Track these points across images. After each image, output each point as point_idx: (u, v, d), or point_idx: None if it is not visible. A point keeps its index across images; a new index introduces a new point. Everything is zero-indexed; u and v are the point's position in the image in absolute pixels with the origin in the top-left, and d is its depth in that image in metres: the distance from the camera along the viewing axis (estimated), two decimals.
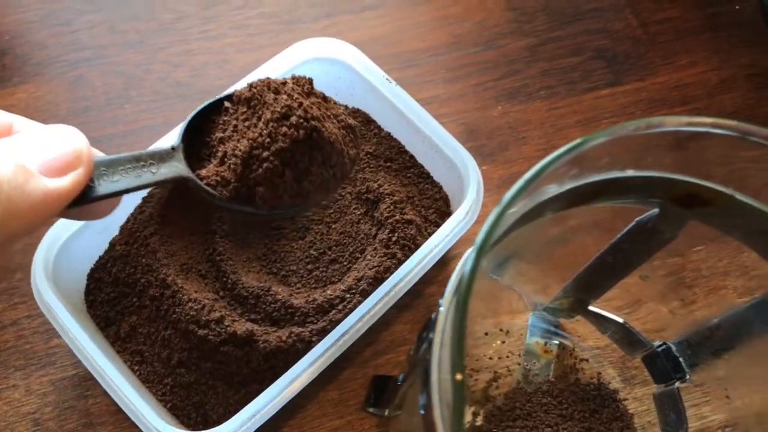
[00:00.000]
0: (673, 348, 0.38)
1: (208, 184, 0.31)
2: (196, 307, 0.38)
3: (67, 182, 0.25)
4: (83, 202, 0.26)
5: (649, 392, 0.42)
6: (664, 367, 0.38)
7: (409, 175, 0.45)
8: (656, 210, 0.29)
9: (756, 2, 0.53)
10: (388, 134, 0.46)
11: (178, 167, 0.31)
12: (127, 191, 0.28)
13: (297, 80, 0.33)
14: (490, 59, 0.53)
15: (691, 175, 0.26)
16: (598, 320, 0.41)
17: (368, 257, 0.41)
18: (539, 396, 0.41)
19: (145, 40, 0.51)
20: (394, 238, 0.41)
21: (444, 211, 0.44)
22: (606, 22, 0.55)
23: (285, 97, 0.31)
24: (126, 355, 0.40)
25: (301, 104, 0.31)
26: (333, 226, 0.43)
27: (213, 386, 0.39)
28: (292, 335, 0.38)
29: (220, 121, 0.33)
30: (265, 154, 0.31)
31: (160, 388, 0.39)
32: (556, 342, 0.44)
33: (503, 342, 0.44)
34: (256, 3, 0.53)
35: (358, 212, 0.43)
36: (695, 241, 0.40)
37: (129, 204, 0.42)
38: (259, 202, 0.31)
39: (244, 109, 0.32)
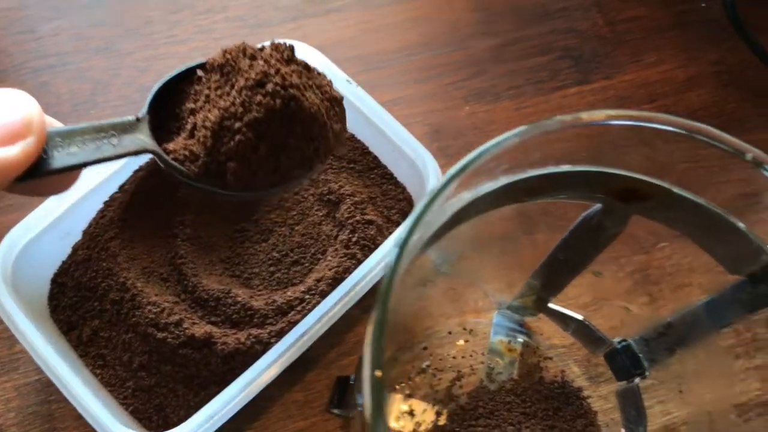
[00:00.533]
0: (633, 345, 0.38)
1: (175, 159, 0.29)
2: (155, 311, 0.38)
3: (14, 152, 0.23)
4: (34, 175, 0.25)
5: (614, 390, 0.42)
6: (624, 363, 0.39)
7: (372, 176, 0.45)
8: (599, 205, 0.29)
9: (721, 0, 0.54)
10: (352, 135, 0.46)
11: (142, 140, 0.28)
12: (85, 165, 0.26)
13: (276, 47, 0.31)
14: (457, 60, 0.53)
15: (628, 169, 0.27)
16: (560, 318, 0.41)
17: (329, 258, 0.41)
18: (503, 394, 0.41)
19: (111, 46, 0.51)
20: (354, 239, 0.41)
21: (407, 212, 0.45)
22: (573, 21, 0.55)
23: (261, 63, 0.29)
24: (88, 359, 0.40)
25: (278, 71, 0.28)
26: (296, 228, 0.43)
27: (173, 389, 0.39)
28: (251, 337, 0.38)
29: (192, 91, 0.30)
30: (238, 125, 0.28)
31: (121, 392, 0.39)
32: (521, 340, 0.44)
33: (467, 341, 0.44)
34: (221, 8, 0.53)
35: (320, 214, 0.43)
36: (659, 239, 0.40)
37: (92, 208, 0.42)
38: (230, 179, 0.29)
39: (217, 77, 0.30)
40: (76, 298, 0.41)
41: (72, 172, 0.27)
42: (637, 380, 0.39)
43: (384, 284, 0.21)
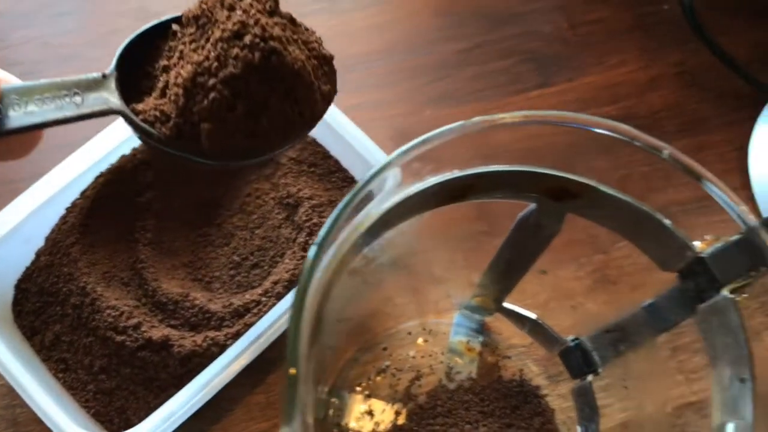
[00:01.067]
0: (585, 343, 0.39)
1: (144, 121, 0.27)
2: (114, 314, 0.39)
3: None
4: None
5: (571, 388, 0.43)
6: (577, 361, 0.39)
7: (333, 179, 0.46)
8: (534, 205, 0.30)
9: (687, 2, 0.54)
10: (313, 140, 0.47)
11: (108, 99, 0.26)
12: (44, 125, 0.25)
13: None
14: (422, 64, 0.54)
15: (556, 168, 0.27)
16: (516, 317, 0.42)
17: (286, 261, 0.41)
18: (461, 393, 0.42)
19: (80, 54, 0.52)
20: (311, 242, 0.41)
21: None
22: (536, 25, 0.56)
23: (240, 13, 0.26)
24: (51, 364, 0.41)
25: (258, 21, 0.26)
26: (256, 232, 0.44)
27: (134, 391, 0.39)
28: (207, 339, 0.38)
29: (166, 48, 0.28)
30: (212, 81, 0.26)
31: (83, 395, 0.40)
32: (480, 340, 0.44)
33: (427, 341, 0.44)
34: None
35: (280, 217, 0.44)
36: (618, 238, 0.40)
37: (55, 214, 0.43)
38: (205, 142, 0.27)
39: (192, 30, 0.27)
40: (39, 304, 0.41)
41: (31, 133, 0.25)
42: (589, 377, 0.39)
43: (301, 284, 0.21)
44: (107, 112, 0.26)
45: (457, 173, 0.26)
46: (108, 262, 0.42)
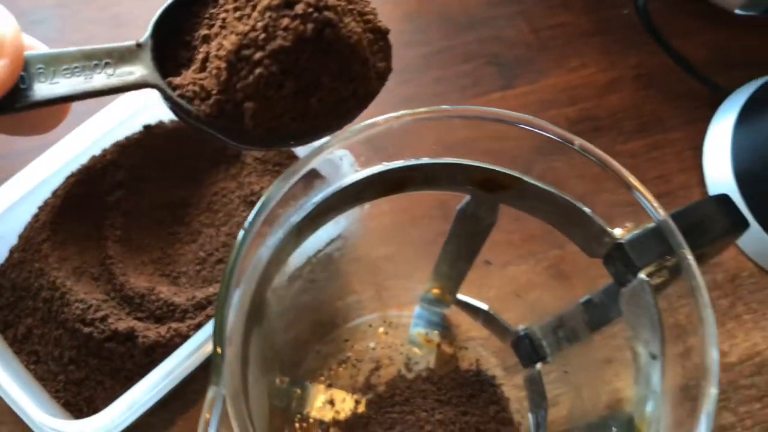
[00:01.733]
0: (533, 333, 0.41)
1: (182, 96, 0.24)
2: (82, 307, 0.40)
3: None
4: (8, 109, 0.21)
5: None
6: (526, 350, 0.41)
7: None
8: (469, 197, 0.32)
9: (641, 6, 0.56)
10: None
11: (142, 71, 0.24)
12: (72, 98, 0.23)
13: None
14: None
15: (483, 160, 0.29)
16: (470, 309, 0.44)
17: None
18: (419, 383, 0.44)
19: None
20: None
21: None
22: (499, 29, 0.58)
23: None
24: (23, 356, 0.42)
25: None
26: (221, 229, 0.45)
27: (101, 381, 0.41)
28: (171, 330, 0.40)
29: (206, 15, 0.25)
30: (258, 55, 0.23)
31: (54, 386, 0.41)
32: (439, 332, 0.46)
33: (387, 333, 0.46)
34: None
35: (245, 214, 0.45)
36: None
37: (28, 212, 0.44)
38: (248, 123, 0.24)
39: None
40: (13, 298, 0.43)
41: (57, 106, 0.23)
42: (538, 366, 0.41)
43: (228, 267, 0.23)
44: (141, 85, 0.24)
45: (391, 165, 0.28)
46: (78, 258, 0.43)
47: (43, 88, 0.22)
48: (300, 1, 0.23)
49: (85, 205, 0.44)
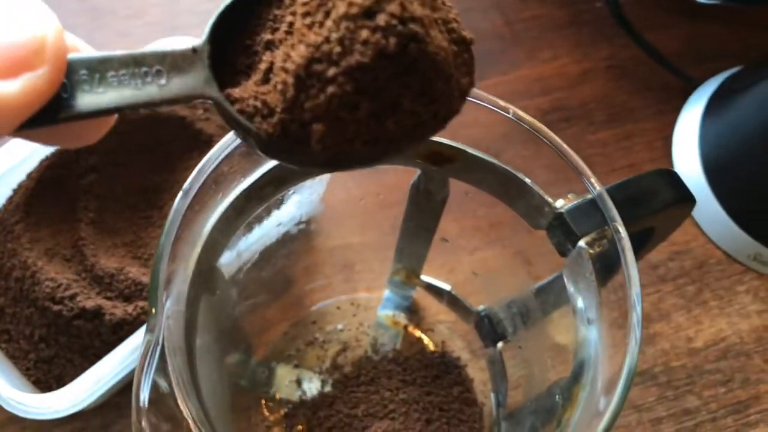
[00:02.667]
0: (494, 314, 0.41)
1: (241, 111, 0.22)
2: (52, 285, 0.41)
3: (16, 89, 0.16)
4: (48, 121, 0.19)
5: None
6: (486, 329, 0.41)
7: None
8: (420, 171, 0.32)
9: None
10: None
11: (197, 81, 0.21)
12: (119, 110, 0.20)
13: None
14: None
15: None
16: (434, 291, 0.44)
17: None
18: (385, 363, 0.44)
19: None
20: None
21: None
22: (472, 22, 0.58)
23: None
24: None
25: None
26: None
27: (71, 359, 0.42)
28: (138, 308, 0.41)
29: (270, 16, 0.22)
30: (332, 71, 0.20)
31: (24, 363, 0.42)
32: (406, 315, 0.47)
33: (355, 315, 0.47)
34: (141, 13, 0.57)
35: None
36: None
37: (2, 196, 0.45)
38: (315, 146, 0.21)
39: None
40: None
41: (102, 118, 0.20)
42: (499, 345, 0.42)
43: (164, 229, 0.24)
44: (196, 97, 0.21)
45: None
46: (51, 239, 0.44)
47: (87, 98, 0.19)
48: (382, 11, 0.19)
49: (59, 188, 0.45)
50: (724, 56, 0.57)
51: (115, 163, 0.47)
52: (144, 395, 0.23)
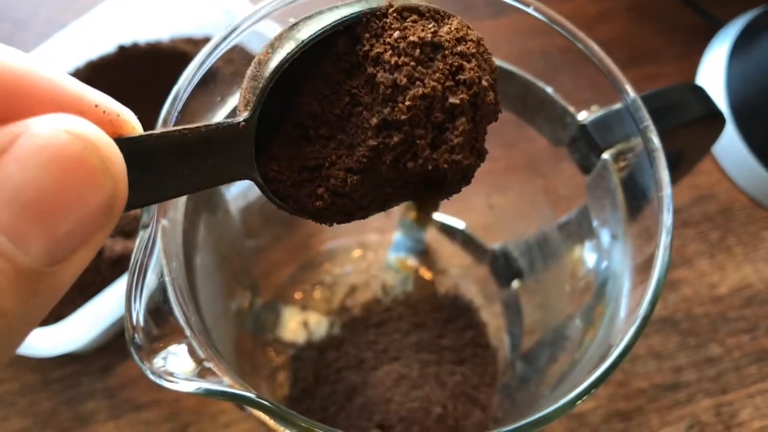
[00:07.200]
0: (510, 250, 0.40)
1: (275, 192, 0.21)
2: None
3: (71, 266, 0.14)
4: None
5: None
6: (502, 267, 0.40)
7: None
8: None
9: None
10: None
11: (239, 162, 0.19)
12: (164, 199, 0.19)
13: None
14: None
15: None
16: (446, 231, 0.42)
17: None
18: (395, 306, 0.43)
19: None
20: None
21: None
22: None
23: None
24: None
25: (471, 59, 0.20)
26: None
27: (73, 299, 0.40)
28: None
29: (348, 87, 0.21)
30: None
31: None
32: (417, 257, 0.45)
33: (363, 257, 0.45)
34: None
35: None
36: (557, 160, 0.41)
37: None
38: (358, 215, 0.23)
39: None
40: None
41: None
42: (515, 283, 0.40)
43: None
44: (235, 179, 0.20)
45: None
46: None
47: (131, 192, 0.16)
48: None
49: None
50: None
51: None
52: (137, 296, 0.21)
